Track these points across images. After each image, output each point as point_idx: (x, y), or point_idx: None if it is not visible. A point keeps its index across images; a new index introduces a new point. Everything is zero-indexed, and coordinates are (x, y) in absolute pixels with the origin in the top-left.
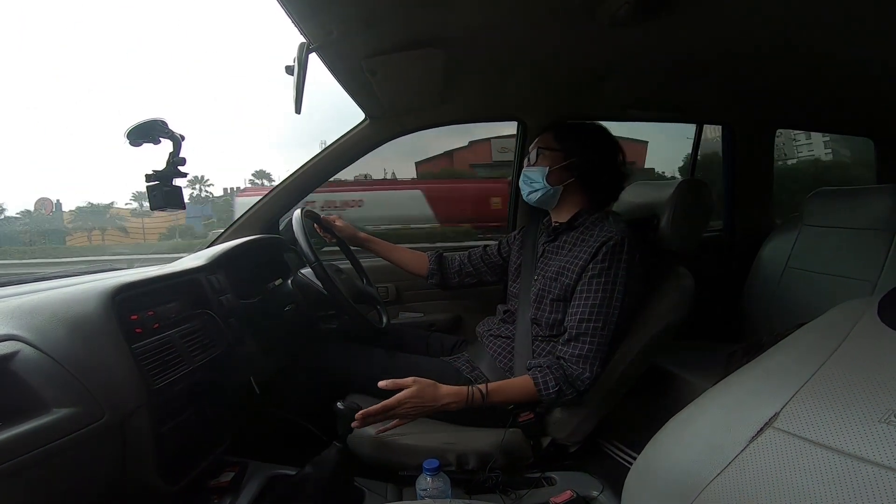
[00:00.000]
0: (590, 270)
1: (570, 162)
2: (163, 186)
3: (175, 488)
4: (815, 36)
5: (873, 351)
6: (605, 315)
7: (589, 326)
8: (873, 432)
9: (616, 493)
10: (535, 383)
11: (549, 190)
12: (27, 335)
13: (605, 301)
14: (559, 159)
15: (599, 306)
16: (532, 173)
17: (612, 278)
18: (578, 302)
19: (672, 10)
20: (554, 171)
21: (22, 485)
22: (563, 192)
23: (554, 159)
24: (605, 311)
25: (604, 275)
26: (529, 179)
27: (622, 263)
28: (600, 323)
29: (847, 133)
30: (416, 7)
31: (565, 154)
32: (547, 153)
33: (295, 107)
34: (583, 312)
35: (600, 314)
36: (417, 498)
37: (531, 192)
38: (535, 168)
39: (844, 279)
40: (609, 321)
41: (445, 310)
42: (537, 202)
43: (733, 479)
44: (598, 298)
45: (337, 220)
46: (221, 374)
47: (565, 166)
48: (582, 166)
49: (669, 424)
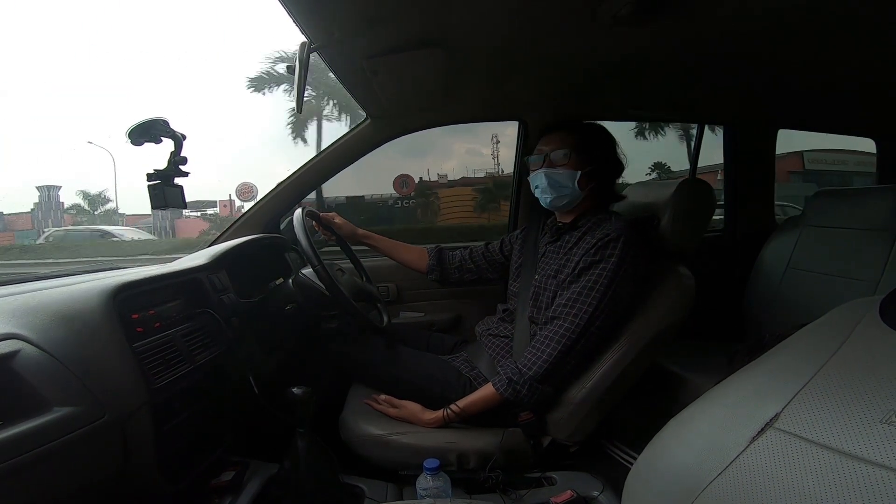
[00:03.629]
0: (581, 264)
1: (596, 167)
2: (164, 186)
3: (176, 488)
4: (816, 36)
5: (875, 351)
6: (581, 303)
7: (563, 311)
8: (874, 433)
9: (616, 493)
10: (493, 384)
11: (579, 195)
12: (28, 334)
13: (586, 291)
14: (587, 163)
15: (579, 294)
16: (560, 177)
17: (599, 271)
18: (563, 291)
19: (673, 9)
20: (584, 174)
21: (23, 484)
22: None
23: (582, 163)
24: (581, 301)
25: (592, 267)
26: (557, 183)
27: (613, 258)
28: (574, 309)
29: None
30: (418, 7)
31: (591, 158)
32: (574, 157)
33: (296, 106)
34: (562, 297)
35: (577, 302)
36: (418, 497)
37: (558, 195)
38: (563, 170)
39: (846, 279)
40: (584, 310)
41: (446, 309)
42: (563, 206)
43: (734, 479)
44: (578, 286)
45: (336, 217)
46: (222, 374)
47: (592, 171)
48: (604, 171)
49: (670, 424)
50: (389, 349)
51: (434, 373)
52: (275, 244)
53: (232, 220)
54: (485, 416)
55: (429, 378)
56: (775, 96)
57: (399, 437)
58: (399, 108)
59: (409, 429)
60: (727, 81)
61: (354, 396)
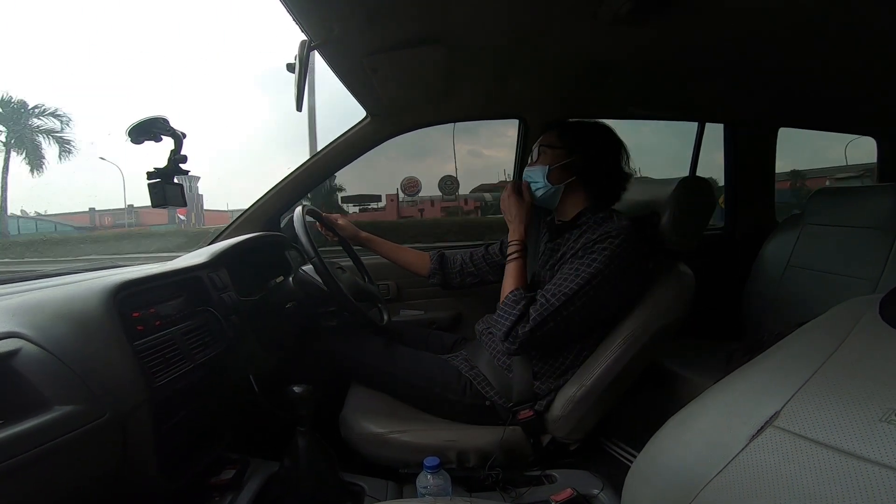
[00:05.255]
0: (578, 254)
1: (571, 160)
2: (164, 184)
3: (176, 486)
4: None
5: (874, 350)
6: (563, 286)
7: (547, 289)
8: (874, 431)
9: (616, 492)
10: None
11: (550, 188)
12: (29, 332)
13: (570, 275)
14: (561, 157)
15: (564, 278)
16: (533, 172)
17: (588, 260)
18: (554, 277)
19: (673, 8)
20: (555, 169)
21: (23, 483)
22: (566, 191)
23: (555, 157)
24: (564, 283)
25: (585, 256)
26: (530, 178)
27: (606, 252)
28: (556, 289)
29: (849, 132)
30: (418, 4)
31: (567, 152)
32: (548, 151)
33: (296, 104)
34: (551, 282)
35: (560, 284)
36: (418, 495)
37: (532, 191)
38: (536, 167)
39: (846, 278)
40: (562, 291)
41: (446, 307)
42: (538, 201)
43: (734, 477)
44: (565, 271)
45: (339, 218)
46: (222, 372)
47: (566, 164)
48: (583, 165)
49: (670, 423)
50: (389, 348)
51: (434, 373)
52: (275, 242)
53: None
54: (485, 414)
55: (428, 378)
56: (775, 95)
57: (399, 436)
58: (399, 105)
59: (410, 427)
60: (727, 80)
61: (354, 394)
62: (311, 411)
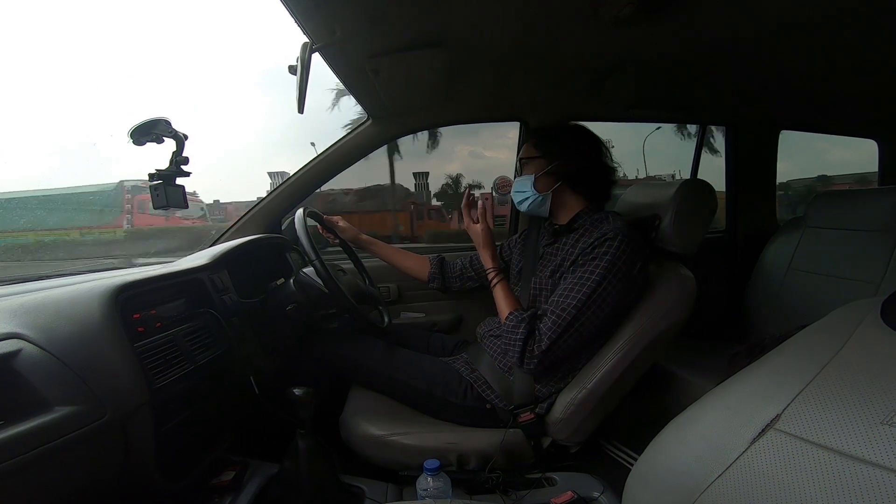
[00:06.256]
0: (579, 261)
1: (553, 166)
2: (166, 185)
3: (176, 487)
4: (818, 37)
5: (876, 353)
6: (571, 297)
7: (551, 308)
8: (875, 434)
9: (617, 494)
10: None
11: (538, 197)
12: (30, 333)
13: (577, 286)
14: (542, 166)
15: (570, 289)
16: (520, 183)
17: (591, 267)
18: (558, 288)
19: (675, 10)
20: (539, 177)
21: (24, 483)
22: (555, 197)
23: (538, 166)
24: (572, 294)
25: (587, 264)
26: (518, 190)
27: (607, 256)
28: (565, 301)
29: (851, 134)
30: (420, 7)
31: (547, 160)
32: (530, 163)
33: (298, 106)
34: (555, 294)
35: (568, 295)
36: (418, 498)
37: (521, 200)
38: (522, 178)
39: (847, 280)
40: (571, 304)
41: (447, 310)
42: (528, 210)
43: (735, 480)
44: (569, 282)
45: (340, 220)
46: (223, 374)
47: (549, 171)
48: (565, 168)
49: (671, 425)
50: (389, 351)
51: (435, 375)
52: (276, 244)
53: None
54: (486, 417)
55: (429, 381)
56: (777, 97)
57: (399, 438)
58: (400, 107)
59: (410, 429)
60: (728, 82)
61: (354, 396)
62: (312, 413)
